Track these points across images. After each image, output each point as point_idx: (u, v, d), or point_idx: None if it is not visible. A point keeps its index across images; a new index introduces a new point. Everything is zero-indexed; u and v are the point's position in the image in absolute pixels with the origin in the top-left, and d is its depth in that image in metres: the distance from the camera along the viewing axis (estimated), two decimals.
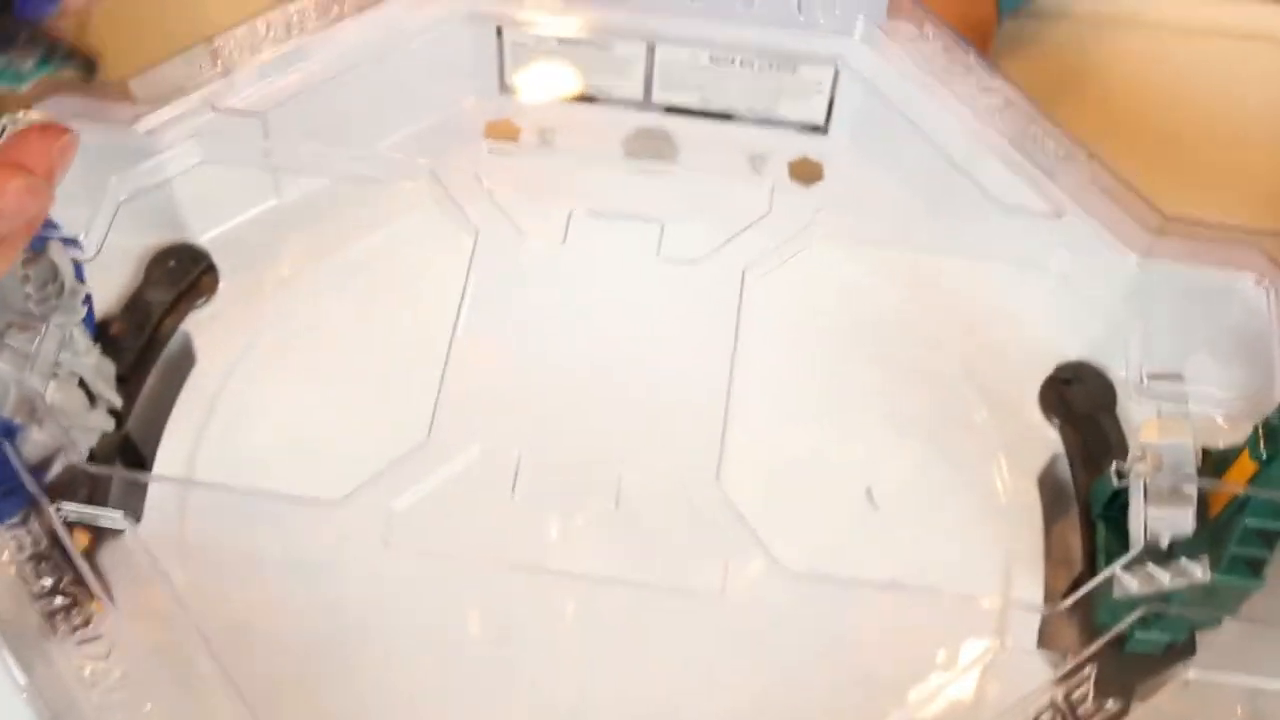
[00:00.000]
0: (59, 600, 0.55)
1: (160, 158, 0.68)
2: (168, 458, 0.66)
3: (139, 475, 0.64)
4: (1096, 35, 0.91)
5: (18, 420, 0.59)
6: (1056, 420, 0.67)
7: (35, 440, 0.60)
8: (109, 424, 0.64)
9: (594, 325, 0.68)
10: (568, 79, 0.75)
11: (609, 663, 0.60)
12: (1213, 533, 0.57)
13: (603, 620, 0.61)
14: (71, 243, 0.63)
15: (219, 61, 0.68)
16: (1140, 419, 0.62)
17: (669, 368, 0.66)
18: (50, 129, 0.53)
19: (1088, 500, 0.64)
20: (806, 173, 0.74)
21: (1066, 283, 0.67)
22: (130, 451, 0.66)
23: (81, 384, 0.63)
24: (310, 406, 0.67)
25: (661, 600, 0.60)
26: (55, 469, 0.61)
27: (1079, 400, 0.67)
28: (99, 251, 0.65)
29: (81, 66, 0.60)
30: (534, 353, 0.67)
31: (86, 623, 0.55)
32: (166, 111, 0.67)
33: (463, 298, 0.68)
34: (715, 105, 0.75)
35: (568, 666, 0.60)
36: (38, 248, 0.61)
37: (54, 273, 0.61)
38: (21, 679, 0.54)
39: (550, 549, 0.62)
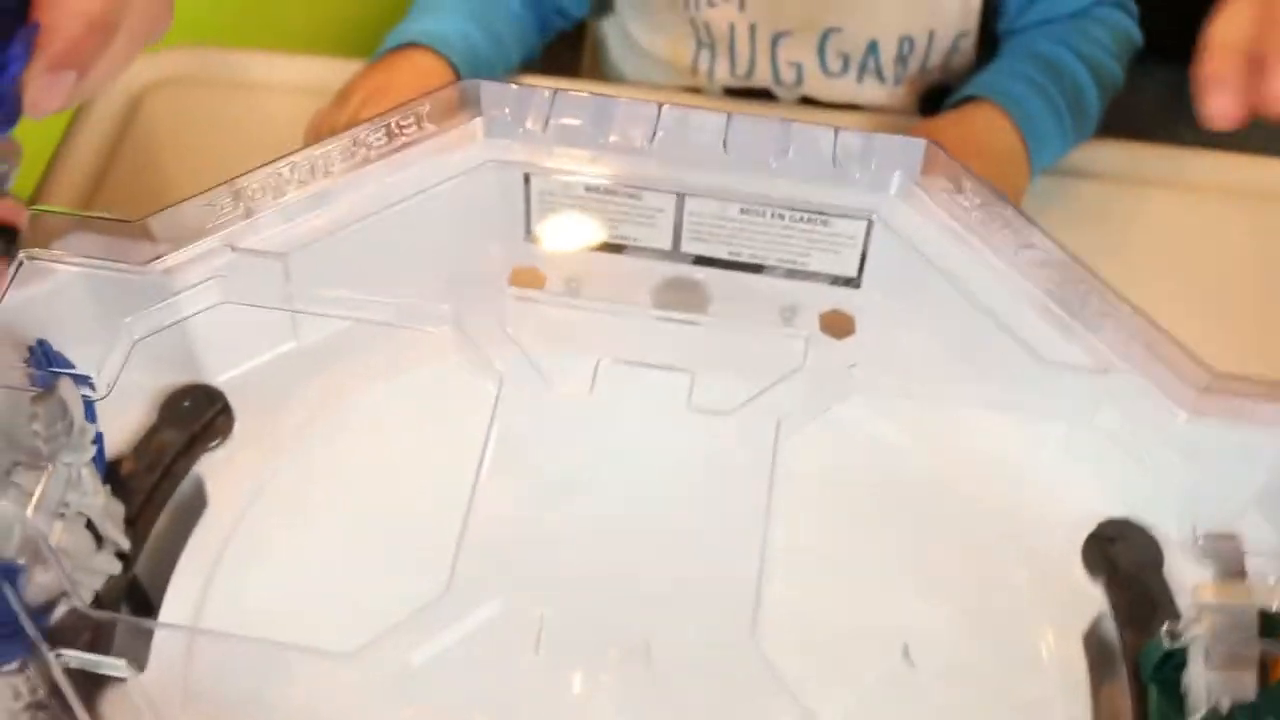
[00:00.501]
0: None
1: (178, 297, 0.67)
2: (175, 603, 0.64)
3: (143, 622, 0.62)
4: (1126, 195, 0.92)
5: (21, 560, 0.58)
6: (1101, 579, 0.65)
7: (38, 582, 0.59)
8: (115, 567, 0.63)
9: (622, 477, 0.67)
10: (595, 227, 0.74)
11: None
12: (1271, 698, 0.55)
13: None
14: (83, 380, 0.62)
15: (241, 203, 0.68)
16: (1189, 578, 0.61)
17: (701, 521, 0.64)
18: None
19: (1136, 662, 0.62)
20: (838, 325, 0.73)
21: (1111, 439, 0.66)
22: (138, 595, 0.65)
23: (89, 525, 0.61)
24: (325, 554, 0.66)
25: None
26: (58, 612, 0.59)
27: (1124, 558, 0.65)
28: (110, 390, 0.64)
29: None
30: (560, 504, 0.65)
31: None
32: (186, 251, 0.66)
33: (485, 446, 0.66)
34: (745, 256, 0.74)
35: None
36: (46, 385, 0.60)
37: (63, 411, 0.60)
38: None
39: (576, 712, 0.60)
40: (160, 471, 0.67)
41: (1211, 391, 0.62)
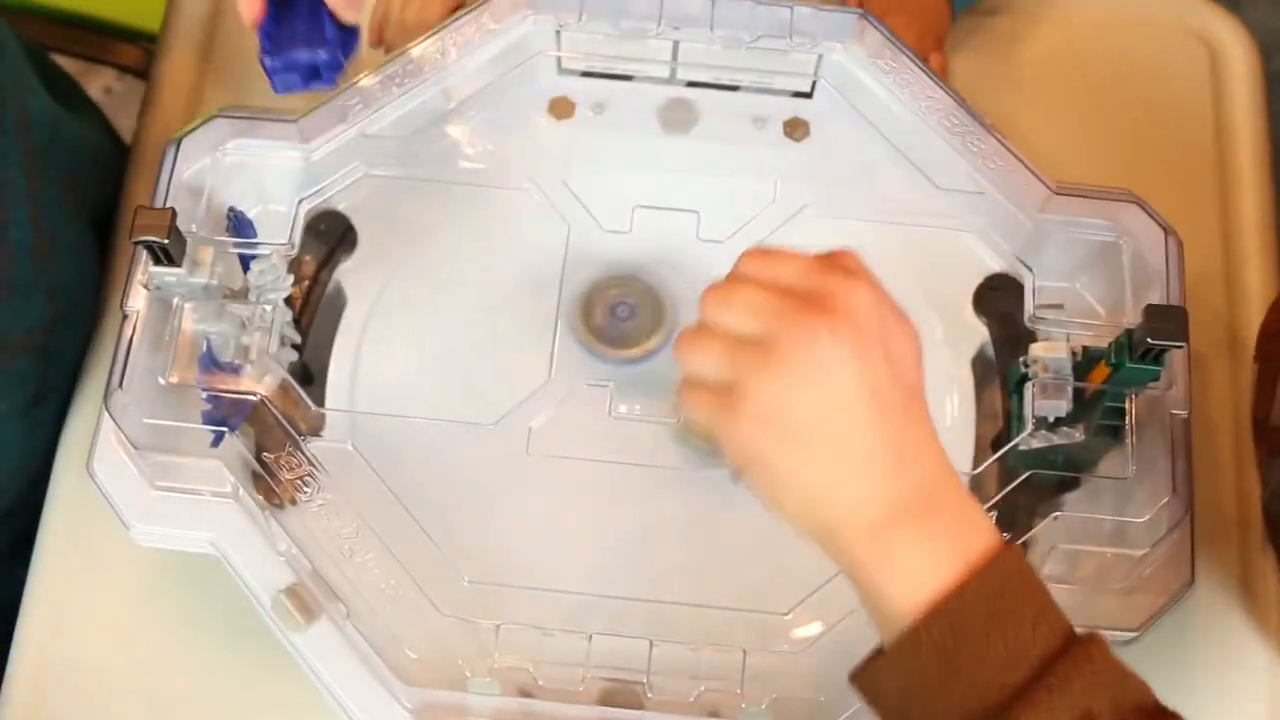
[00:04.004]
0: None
1: (333, 176, 0.90)
2: (335, 378, 0.89)
3: (322, 409, 0.88)
4: (1035, 28, 1.08)
5: (237, 361, 0.83)
6: (984, 318, 0.91)
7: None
8: (292, 356, 0.87)
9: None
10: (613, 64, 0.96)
11: (653, 501, 0.87)
12: (1086, 408, 0.81)
13: (652, 479, 0.87)
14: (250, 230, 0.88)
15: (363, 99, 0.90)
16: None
17: None
18: None
19: (1005, 377, 0.88)
20: (797, 129, 0.96)
21: (989, 226, 0.91)
22: (306, 374, 0.89)
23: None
24: (438, 341, 0.91)
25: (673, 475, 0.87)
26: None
27: (1001, 303, 0.90)
28: (295, 248, 0.87)
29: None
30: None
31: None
32: (335, 140, 0.89)
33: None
34: (725, 79, 0.97)
35: (635, 503, 0.87)
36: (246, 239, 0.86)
37: (274, 267, 0.85)
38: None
39: (632, 450, 0.87)
40: (311, 279, 0.92)
41: (1056, 196, 0.87)
